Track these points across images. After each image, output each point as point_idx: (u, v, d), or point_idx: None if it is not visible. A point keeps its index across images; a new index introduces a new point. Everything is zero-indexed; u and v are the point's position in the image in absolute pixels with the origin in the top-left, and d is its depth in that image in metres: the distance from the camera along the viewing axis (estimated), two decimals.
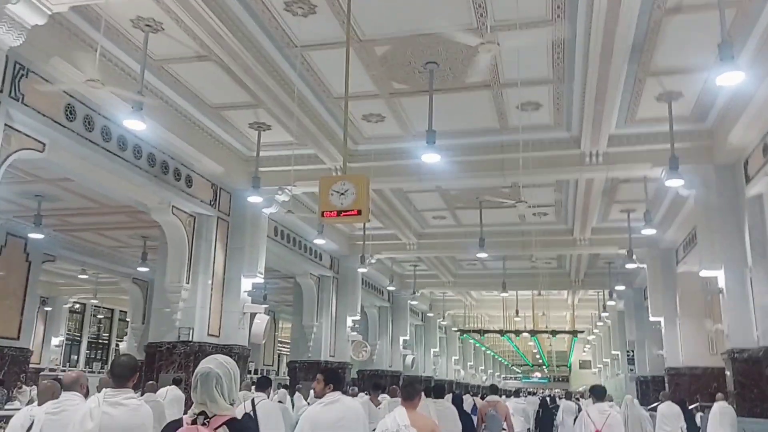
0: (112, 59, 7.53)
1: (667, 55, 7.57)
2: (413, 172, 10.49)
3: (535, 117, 9.33)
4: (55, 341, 20.96)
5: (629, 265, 14.48)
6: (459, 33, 6.80)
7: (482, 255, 13.43)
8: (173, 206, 9.69)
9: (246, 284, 10.69)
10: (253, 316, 10.79)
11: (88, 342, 25.39)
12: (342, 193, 5.12)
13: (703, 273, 10.11)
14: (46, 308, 20.88)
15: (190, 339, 9.62)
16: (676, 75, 8.12)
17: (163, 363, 9.41)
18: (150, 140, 8.78)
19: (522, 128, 9.26)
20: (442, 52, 7.62)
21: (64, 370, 19.02)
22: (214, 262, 10.29)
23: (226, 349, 10.10)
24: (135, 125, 6.92)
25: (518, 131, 9.51)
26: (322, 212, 5.26)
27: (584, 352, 44.76)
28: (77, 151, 7.68)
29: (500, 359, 51.38)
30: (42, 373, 16.33)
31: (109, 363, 25.36)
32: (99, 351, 26.65)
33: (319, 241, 12.33)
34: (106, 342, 26.60)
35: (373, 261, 15.85)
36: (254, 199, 9.75)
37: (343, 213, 5.16)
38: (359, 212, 5.13)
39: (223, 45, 7.00)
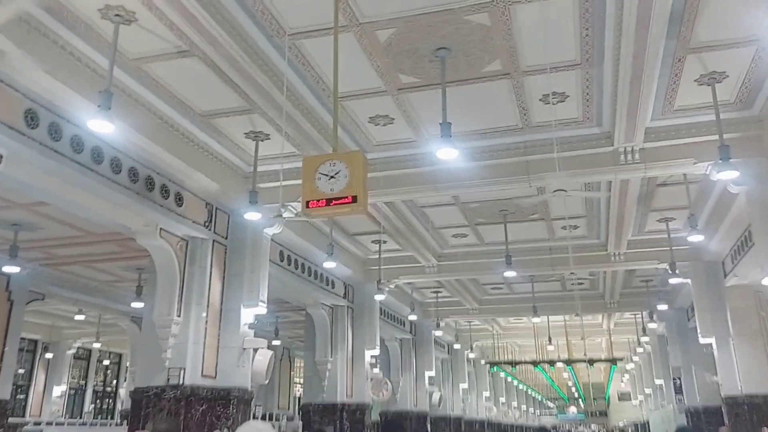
0: (81, 57, 6.69)
1: (711, 23, 6.50)
2: (428, 180, 9.47)
3: (561, 110, 8.29)
4: (56, 391, 19.62)
5: (672, 280, 13.17)
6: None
7: (510, 273, 12.20)
8: (161, 228, 8.67)
9: (247, 316, 9.52)
10: (255, 352, 9.60)
11: (94, 391, 23.97)
12: (332, 176, 4.02)
13: (766, 281, 8.90)
14: (47, 355, 19.63)
15: (181, 382, 8.37)
16: (719, 50, 7.04)
17: (151, 410, 8.17)
18: (130, 152, 7.84)
19: (548, 124, 8.26)
20: (454, 34, 6.68)
21: (64, 424, 17.69)
22: (209, 292, 9.16)
23: (224, 393, 8.83)
24: (101, 127, 5.96)
25: (543, 129, 8.55)
26: (307, 202, 4.16)
27: (622, 382, 42.27)
28: (42, 164, 6.74)
29: (534, 393, 48.88)
30: (25, 427, 14.92)
31: (117, 413, 24.19)
32: (106, 400, 25.23)
33: (329, 264, 11.18)
34: (114, 390, 25.27)
35: (391, 287, 14.61)
36: (251, 215, 8.73)
37: (334, 201, 4.04)
38: (354, 199, 4.01)
39: (203, 33, 6.15)
